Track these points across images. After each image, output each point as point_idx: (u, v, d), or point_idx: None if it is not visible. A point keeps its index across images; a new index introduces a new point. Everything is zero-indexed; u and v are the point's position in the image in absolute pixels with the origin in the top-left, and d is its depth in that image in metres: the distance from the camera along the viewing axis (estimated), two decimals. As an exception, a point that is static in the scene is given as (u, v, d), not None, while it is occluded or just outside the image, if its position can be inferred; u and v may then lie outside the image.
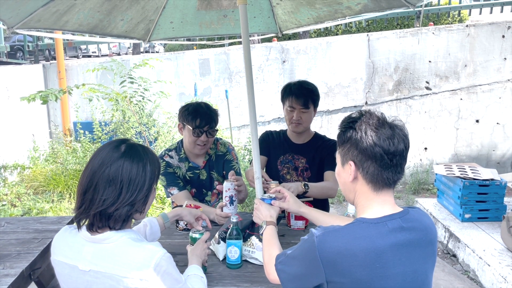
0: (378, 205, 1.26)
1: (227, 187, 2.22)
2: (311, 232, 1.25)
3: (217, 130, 2.49)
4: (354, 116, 1.30)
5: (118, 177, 1.33)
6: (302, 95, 2.45)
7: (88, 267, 1.31)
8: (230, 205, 2.23)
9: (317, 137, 2.63)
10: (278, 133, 2.70)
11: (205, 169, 2.56)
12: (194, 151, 2.47)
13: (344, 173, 1.31)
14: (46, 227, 2.37)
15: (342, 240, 1.19)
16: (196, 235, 1.82)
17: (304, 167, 2.58)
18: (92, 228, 1.35)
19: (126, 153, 1.37)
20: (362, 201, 1.29)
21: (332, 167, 2.55)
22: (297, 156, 2.58)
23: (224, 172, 2.59)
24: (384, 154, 1.21)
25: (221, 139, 2.69)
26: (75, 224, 1.42)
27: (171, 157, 2.54)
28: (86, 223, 1.36)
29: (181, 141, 2.57)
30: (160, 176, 2.46)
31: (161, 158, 2.52)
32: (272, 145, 2.64)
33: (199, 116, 2.38)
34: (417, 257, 1.23)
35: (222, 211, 2.25)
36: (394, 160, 1.22)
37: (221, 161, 2.59)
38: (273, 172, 2.60)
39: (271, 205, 1.83)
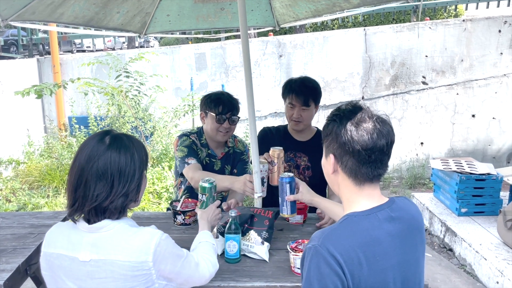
0: (363, 198, 1.26)
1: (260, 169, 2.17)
2: (308, 249, 1.19)
3: (239, 118, 2.50)
4: (341, 108, 1.30)
5: (108, 171, 1.31)
6: (302, 92, 2.39)
7: (89, 257, 1.30)
8: (262, 186, 2.16)
9: (320, 135, 2.57)
10: (277, 129, 2.62)
11: (221, 160, 2.58)
12: (217, 138, 2.48)
13: (327, 164, 1.32)
14: (42, 222, 2.34)
15: (340, 240, 1.17)
16: (206, 184, 1.85)
17: (306, 165, 2.52)
18: (89, 223, 1.34)
19: (111, 144, 1.35)
20: (347, 195, 1.29)
21: None
22: (299, 154, 2.52)
23: (235, 170, 2.60)
24: (361, 149, 1.20)
25: (237, 136, 2.70)
26: (69, 220, 1.40)
27: (195, 138, 2.55)
28: (82, 216, 1.35)
29: (201, 128, 2.58)
30: (180, 148, 2.46)
31: (187, 136, 2.52)
32: (273, 143, 2.55)
33: (222, 103, 2.42)
34: (408, 246, 1.24)
35: (227, 208, 2.24)
36: (373, 156, 1.21)
37: (237, 158, 2.62)
38: None
39: (290, 184, 1.87)
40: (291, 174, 1.92)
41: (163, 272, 1.34)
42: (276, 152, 2.11)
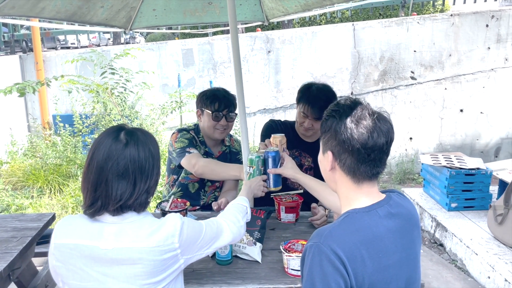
0: (362, 196, 1.23)
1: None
2: (309, 247, 1.15)
3: (236, 115, 2.43)
4: (340, 104, 1.25)
5: (129, 169, 1.31)
6: (317, 105, 2.23)
7: (112, 245, 1.28)
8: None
9: None
10: (285, 124, 2.52)
11: (218, 159, 2.52)
12: (214, 135, 2.43)
13: (324, 161, 1.29)
14: (25, 225, 2.26)
15: (343, 237, 1.14)
16: (253, 157, 1.92)
17: (309, 166, 2.47)
18: (113, 214, 1.34)
19: (128, 142, 1.34)
20: (345, 192, 1.26)
21: None
22: (305, 154, 2.45)
23: None
24: (361, 148, 1.17)
25: (233, 135, 2.65)
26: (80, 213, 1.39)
27: (194, 135, 2.50)
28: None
29: (198, 126, 2.53)
30: (181, 139, 2.40)
31: (187, 131, 2.46)
32: None
33: (218, 100, 2.37)
34: (408, 241, 1.23)
35: (217, 210, 2.19)
36: (372, 154, 1.18)
37: (234, 158, 2.57)
38: None
39: (274, 158, 1.92)
40: (276, 149, 1.95)
41: (187, 250, 1.36)
42: (277, 138, 2.06)
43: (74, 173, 4.97)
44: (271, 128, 2.49)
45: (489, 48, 6.16)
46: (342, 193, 1.27)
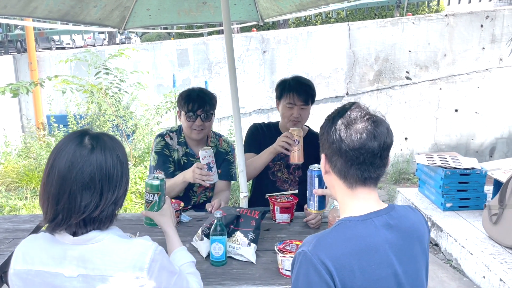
0: (357, 201, 1.20)
1: (203, 156, 2.17)
2: (298, 254, 1.14)
3: (212, 114, 2.41)
4: (338, 107, 1.26)
5: (95, 178, 1.19)
6: (303, 91, 2.35)
7: (76, 272, 1.18)
8: (211, 171, 2.17)
9: (312, 134, 2.50)
10: (268, 126, 2.56)
11: (200, 159, 2.48)
12: (192, 136, 2.42)
13: (321, 164, 1.29)
14: (17, 227, 2.24)
15: (332, 246, 1.11)
16: (156, 182, 1.60)
17: (297, 165, 2.47)
18: (75, 235, 1.21)
19: (94, 147, 1.22)
20: (340, 197, 1.24)
21: None
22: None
23: (219, 170, 2.50)
24: (349, 150, 1.16)
25: (223, 136, 2.62)
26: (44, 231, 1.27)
27: (171, 138, 2.49)
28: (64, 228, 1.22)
29: (181, 126, 2.53)
30: (153, 154, 2.42)
31: (161, 136, 2.48)
32: (263, 140, 2.48)
33: (191, 100, 2.35)
34: (407, 256, 1.17)
35: (211, 211, 2.18)
36: (361, 157, 1.16)
37: (221, 159, 2.52)
38: (264, 168, 2.47)
39: (319, 178, 1.69)
40: (319, 166, 1.82)
41: (158, 280, 1.23)
42: (296, 131, 2.16)
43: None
44: (256, 132, 2.51)
45: (483, 48, 6.18)
46: (339, 198, 1.25)
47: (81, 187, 1.17)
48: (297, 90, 2.35)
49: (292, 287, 1.13)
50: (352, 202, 1.20)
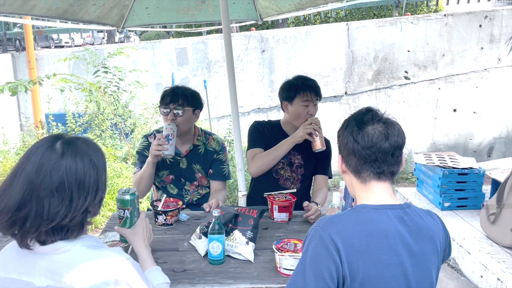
0: (373, 195, 1.28)
1: (165, 127, 2.27)
2: (310, 230, 1.23)
3: (185, 109, 2.34)
4: (353, 113, 1.37)
5: (65, 183, 1.14)
6: (314, 86, 2.42)
7: (45, 283, 1.15)
8: (168, 142, 2.24)
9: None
10: (270, 124, 2.54)
11: (186, 158, 2.47)
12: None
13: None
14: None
15: (344, 226, 1.18)
16: (126, 197, 1.52)
17: (300, 163, 2.48)
18: (43, 243, 1.17)
19: (65, 151, 1.17)
20: (357, 193, 1.33)
21: (325, 171, 2.50)
22: (294, 151, 2.44)
23: (211, 170, 2.49)
24: (361, 149, 1.26)
25: (214, 134, 2.59)
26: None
27: (156, 138, 2.46)
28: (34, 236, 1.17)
29: None
30: (136, 155, 2.46)
31: (146, 137, 2.52)
32: (267, 137, 2.48)
33: (166, 94, 2.38)
34: (418, 252, 1.21)
35: (209, 211, 2.18)
36: (374, 155, 1.25)
37: (210, 158, 2.49)
38: None
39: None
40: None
41: None
42: (316, 119, 2.32)
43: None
44: (260, 128, 2.50)
45: (482, 48, 6.18)
46: (356, 195, 1.34)
47: (50, 193, 1.13)
48: (311, 88, 2.40)
49: (300, 261, 1.19)
50: (366, 194, 1.28)
